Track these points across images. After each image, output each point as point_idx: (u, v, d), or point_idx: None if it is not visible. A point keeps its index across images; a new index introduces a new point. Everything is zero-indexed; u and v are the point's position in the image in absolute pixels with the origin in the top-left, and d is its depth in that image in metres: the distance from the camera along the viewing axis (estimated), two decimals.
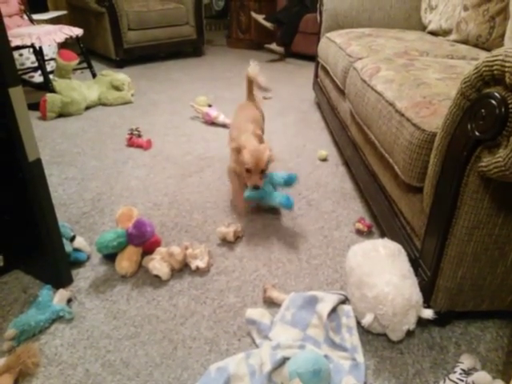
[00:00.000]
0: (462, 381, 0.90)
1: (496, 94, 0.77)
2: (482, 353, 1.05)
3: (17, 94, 0.98)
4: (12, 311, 1.17)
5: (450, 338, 1.09)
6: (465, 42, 2.00)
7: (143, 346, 1.07)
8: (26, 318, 1.09)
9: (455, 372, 0.94)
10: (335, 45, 2.20)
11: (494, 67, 0.76)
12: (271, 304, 1.19)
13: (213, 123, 2.56)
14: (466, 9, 1.95)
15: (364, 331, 1.10)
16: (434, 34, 2.31)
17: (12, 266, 1.33)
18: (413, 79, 1.31)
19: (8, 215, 1.22)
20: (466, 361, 0.97)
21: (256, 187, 1.48)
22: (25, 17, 3.34)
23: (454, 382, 0.91)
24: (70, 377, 0.99)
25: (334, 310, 1.12)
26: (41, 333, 1.10)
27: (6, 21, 2.96)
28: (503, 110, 0.75)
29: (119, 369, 1.01)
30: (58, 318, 1.15)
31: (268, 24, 4.33)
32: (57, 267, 1.23)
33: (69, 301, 1.20)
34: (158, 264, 1.29)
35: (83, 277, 1.31)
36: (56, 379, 0.98)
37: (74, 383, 0.98)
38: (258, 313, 1.13)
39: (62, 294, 1.19)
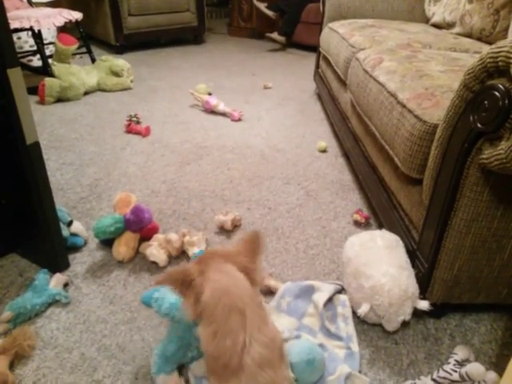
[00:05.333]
0: (456, 371, 0.91)
1: (500, 86, 0.76)
2: (476, 345, 1.06)
3: (15, 75, 0.97)
4: (8, 294, 1.17)
5: (445, 329, 1.10)
6: (468, 35, 1.98)
7: (139, 331, 1.07)
8: (23, 301, 1.09)
9: (449, 363, 0.95)
10: (338, 35, 2.18)
11: (499, 58, 0.76)
12: (268, 293, 1.20)
13: (212, 111, 2.55)
14: (470, 1, 1.93)
15: (359, 321, 1.10)
16: (437, 26, 2.29)
17: (9, 250, 1.33)
18: (415, 71, 1.30)
19: (5, 199, 1.21)
20: (460, 352, 0.98)
21: None
22: None
23: (447, 372, 0.92)
24: (65, 360, 0.99)
25: (330, 300, 1.13)
26: (37, 316, 1.11)
27: (5, 3, 2.92)
28: (507, 101, 0.75)
29: (115, 353, 1.01)
30: (54, 302, 1.15)
31: (270, 13, 4.28)
32: (54, 251, 1.23)
33: (65, 285, 1.20)
34: (155, 250, 1.29)
35: (80, 261, 1.31)
36: (52, 362, 0.99)
37: (70, 366, 0.98)
38: None
39: (58, 278, 1.19)
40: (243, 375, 0.66)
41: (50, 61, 2.75)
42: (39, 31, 2.75)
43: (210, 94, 2.67)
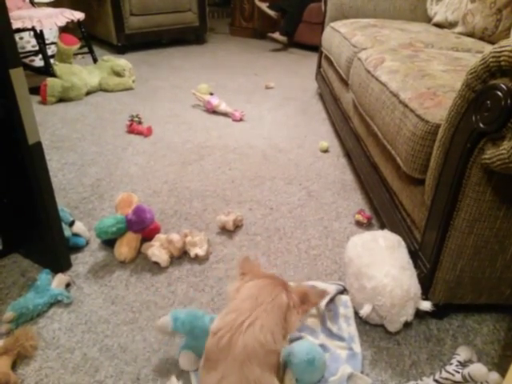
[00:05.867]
0: (458, 372, 0.90)
1: (502, 86, 0.76)
2: (478, 345, 1.05)
3: (18, 76, 0.97)
4: (10, 294, 1.17)
5: (448, 330, 1.10)
6: (470, 34, 1.98)
7: (141, 331, 1.07)
8: (25, 301, 1.09)
9: (451, 364, 0.94)
10: (340, 35, 2.17)
11: (502, 58, 0.76)
12: None
13: (214, 112, 2.55)
14: (472, 1, 1.93)
15: (361, 322, 1.10)
16: (439, 26, 2.29)
17: (11, 250, 1.33)
18: (417, 70, 1.29)
19: (7, 199, 1.21)
20: (463, 353, 0.98)
21: None
22: None
23: (449, 373, 0.91)
24: (67, 360, 0.99)
25: (332, 300, 1.13)
26: (39, 316, 1.11)
27: (7, 3, 2.93)
28: (509, 101, 0.74)
29: (117, 353, 1.01)
30: (56, 302, 1.15)
31: (272, 12, 4.28)
32: (56, 252, 1.23)
33: (67, 285, 1.21)
34: (157, 251, 1.29)
35: (82, 262, 1.31)
36: (54, 362, 0.99)
37: (72, 367, 0.98)
38: None
39: (60, 279, 1.19)
40: (231, 360, 0.69)
41: (51, 61, 2.76)
42: (41, 31, 2.75)
43: (211, 94, 2.66)
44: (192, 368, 0.96)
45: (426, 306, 1.02)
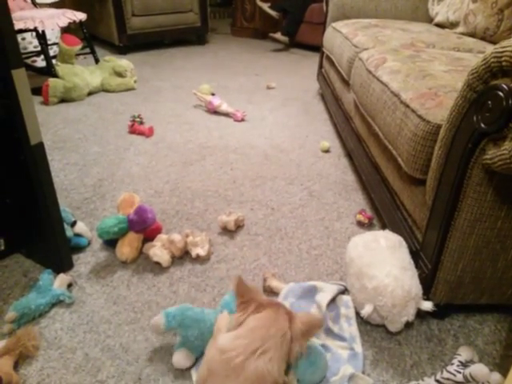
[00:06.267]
0: (460, 372, 0.90)
1: (504, 86, 0.76)
2: (479, 346, 1.05)
3: (20, 76, 0.97)
4: (12, 294, 1.17)
5: (449, 330, 1.10)
6: (472, 34, 1.97)
7: (143, 331, 1.08)
8: (27, 302, 1.09)
9: (453, 364, 0.94)
10: (341, 35, 2.17)
11: (503, 58, 0.75)
12: (271, 293, 1.20)
13: (215, 112, 2.55)
14: (474, 1, 1.93)
15: (363, 322, 1.10)
16: (440, 26, 2.29)
17: (13, 250, 1.33)
18: (419, 71, 1.29)
19: (10, 199, 1.22)
20: (464, 353, 0.98)
21: None
22: (28, 0, 3.30)
23: (451, 373, 0.91)
24: (69, 360, 1.00)
25: (333, 300, 1.13)
26: (41, 316, 1.11)
27: (9, 3, 2.93)
28: (510, 102, 0.74)
29: (118, 353, 1.02)
30: (58, 303, 1.15)
31: (273, 13, 4.28)
32: (57, 252, 1.24)
33: (69, 285, 1.21)
34: (158, 251, 1.29)
35: (84, 262, 1.31)
36: (56, 362, 0.99)
37: (74, 367, 0.98)
38: None
39: (62, 279, 1.19)
40: (242, 379, 0.72)
41: (53, 61, 2.77)
42: (43, 32, 2.76)
43: (213, 95, 2.67)
44: (185, 365, 0.97)
45: (427, 306, 1.02)
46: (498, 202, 0.89)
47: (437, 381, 0.92)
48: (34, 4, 3.27)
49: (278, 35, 4.18)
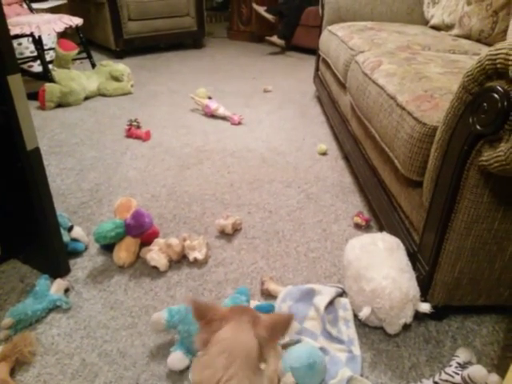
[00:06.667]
0: (458, 374, 0.90)
1: (498, 88, 0.76)
2: (477, 347, 1.05)
3: (16, 82, 0.97)
4: (9, 300, 1.17)
5: (447, 331, 1.10)
6: (467, 36, 1.99)
7: (140, 336, 1.07)
8: (23, 307, 1.09)
9: (451, 365, 0.94)
10: (337, 38, 2.18)
11: (498, 61, 0.76)
12: (269, 296, 1.19)
13: (212, 115, 2.55)
14: (469, 3, 1.94)
15: (361, 324, 1.10)
16: (436, 28, 2.30)
17: (9, 256, 1.33)
18: (414, 73, 1.30)
19: (6, 204, 1.21)
20: (462, 354, 0.98)
21: None
22: (24, 5, 3.30)
23: (449, 375, 0.91)
24: (66, 366, 0.99)
25: (331, 303, 1.13)
26: (37, 322, 1.10)
27: (5, 9, 2.93)
28: (505, 103, 0.75)
29: (116, 359, 1.01)
30: (54, 308, 1.14)
31: (269, 16, 4.30)
32: (54, 257, 1.23)
33: (66, 291, 1.20)
34: (155, 255, 1.29)
35: (81, 267, 1.31)
36: (52, 368, 0.98)
37: (71, 372, 0.98)
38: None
39: (59, 284, 1.18)
40: None
41: (50, 66, 2.76)
42: (39, 37, 2.76)
43: (209, 98, 2.67)
44: (179, 367, 0.97)
45: (425, 307, 1.02)
46: (495, 204, 0.90)
47: (435, 382, 0.92)
48: (31, 9, 3.27)
49: (275, 38, 4.19)
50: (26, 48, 3.18)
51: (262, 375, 0.76)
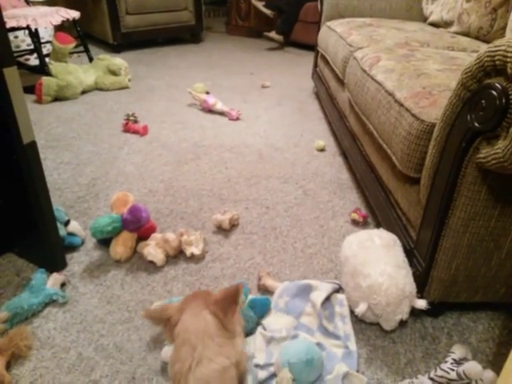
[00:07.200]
0: (453, 370, 0.91)
1: (497, 85, 0.76)
2: (473, 343, 1.06)
3: (11, 74, 0.96)
4: (5, 294, 1.16)
5: (443, 328, 1.10)
6: (466, 33, 1.98)
7: (137, 330, 1.07)
8: (19, 301, 1.08)
9: (446, 362, 0.95)
10: (336, 34, 2.17)
11: (496, 57, 0.76)
12: (265, 292, 1.20)
13: (210, 111, 2.54)
14: (468, 0, 1.93)
15: (357, 320, 1.10)
16: (434, 25, 2.30)
17: (5, 249, 1.32)
18: (413, 70, 1.30)
19: (2, 198, 1.21)
20: (458, 351, 0.98)
21: None
22: None
23: (444, 371, 0.92)
24: (62, 360, 0.99)
25: (327, 299, 1.13)
26: (34, 316, 1.10)
27: (1, 1, 2.91)
28: (504, 100, 0.75)
29: (112, 353, 1.01)
30: (51, 302, 1.14)
31: (268, 11, 4.28)
32: (51, 251, 1.23)
33: (62, 285, 1.20)
34: (152, 250, 1.28)
35: (77, 261, 1.30)
36: (49, 362, 0.98)
37: (67, 366, 0.98)
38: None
39: (55, 278, 1.18)
40: None
41: (47, 60, 2.75)
42: (36, 30, 2.74)
43: (207, 93, 2.66)
44: None
45: (422, 304, 1.02)
46: (492, 201, 0.90)
47: (431, 379, 0.93)
48: (27, 2, 3.25)
49: (273, 34, 4.18)
50: (22, 41, 3.16)
51: (233, 338, 0.82)
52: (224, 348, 0.78)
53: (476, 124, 0.81)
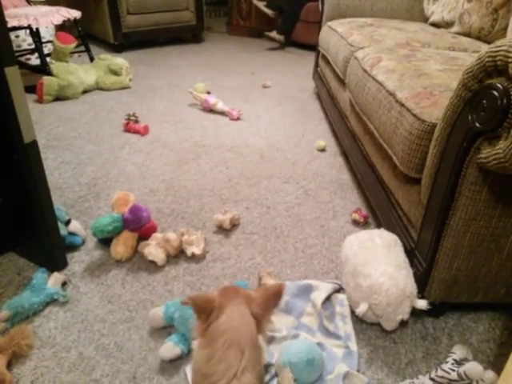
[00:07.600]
0: (454, 370, 0.91)
1: (498, 85, 0.76)
2: (474, 344, 1.06)
3: (13, 74, 0.96)
4: (6, 293, 1.17)
5: (443, 328, 1.10)
6: (467, 34, 1.98)
7: (137, 330, 1.07)
8: (20, 300, 1.09)
9: (447, 362, 0.95)
10: (337, 34, 2.17)
11: (498, 58, 0.76)
12: None
13: (211, 110, 2.54)
14: (469, 0, 1.93)
15: (358, 320, 1.10)
16: (435, 25, 2.29)
17: (7, 249, 1.32)
18: (414, 70, 1.30)
19: (3, 197, 1.21)
20: (458, 351, 0.98)
21: None
22: None
23: (445, 371, 0.92)
24: (63, 359, 0.99)
25: (328, 299, 1.13)
26: (35, 315, 1.10)
27: (2, 0, 2.91)
28: (505, 101, 0.75)
29: (113, 352, 1.01)
30: (52, 301, 1.14)
31: (269, 11, 4.28)
32: (52, 250, 1.23)
33: (63, 284, 1.20)
34: (153, 250, 1.28)
35: (78, 261, 1.31)
36: (49, 361, 0.98)
37: (68, 366, 0.98)
38: None
39: (56, 278, 1.18)
40: None
41: (48, 59, 2.75)
42: (37, 29, 2.74)
43: (208, 93, 2.66)
44: (169, 357, 0.98)
45: (422, 304, 1.02)
46: (493, 201, 0.90)
47: (431, 379, 0.93)
48: (28, 1, 3.25)
49: (274, 34, 4.17)
50: (23, 40, 3.16)
51: (261, 347, 0.77)
52: (261, 355, 0.75)
53: (477, 124, 0.81)
